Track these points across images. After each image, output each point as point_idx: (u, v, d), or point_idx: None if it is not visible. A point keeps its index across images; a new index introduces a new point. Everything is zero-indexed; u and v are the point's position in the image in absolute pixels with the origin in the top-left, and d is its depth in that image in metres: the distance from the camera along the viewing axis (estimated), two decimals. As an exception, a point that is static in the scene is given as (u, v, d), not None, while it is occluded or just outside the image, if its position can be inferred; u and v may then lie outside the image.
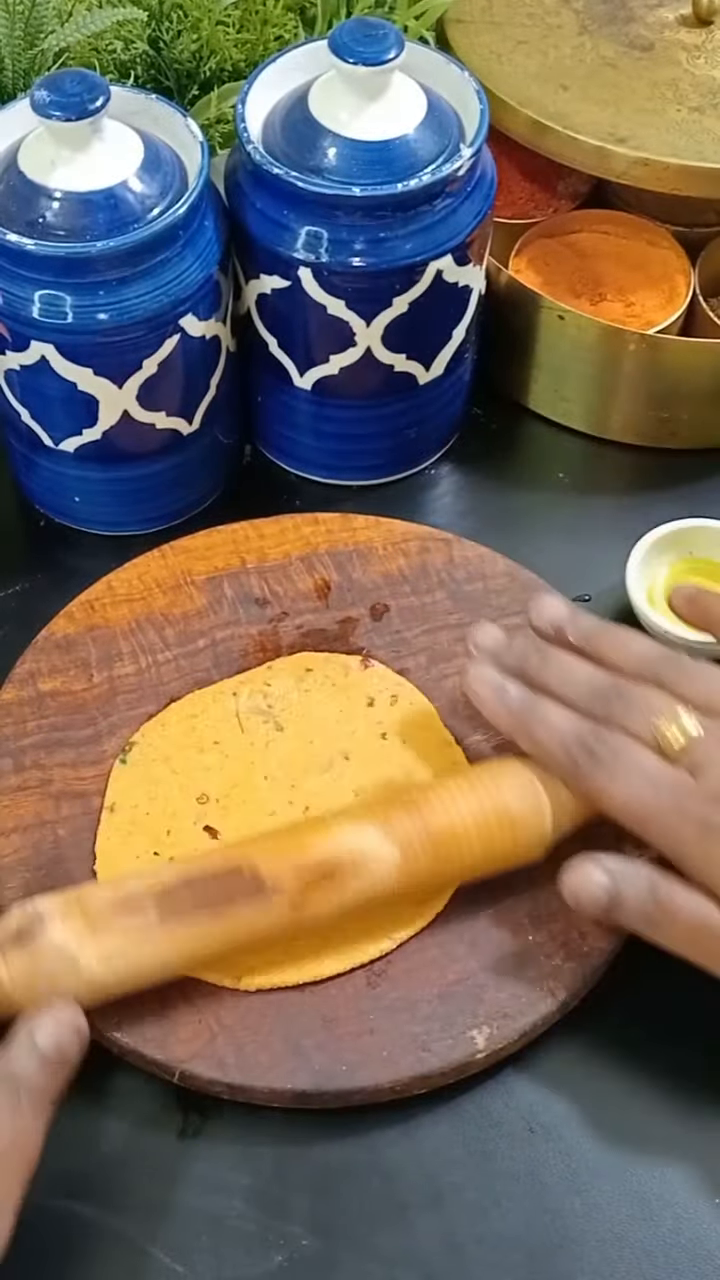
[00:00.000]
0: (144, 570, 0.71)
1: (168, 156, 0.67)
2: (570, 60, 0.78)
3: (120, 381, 0.67)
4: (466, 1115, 0.58)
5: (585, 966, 0.59)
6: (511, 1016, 0.58)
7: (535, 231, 0.82)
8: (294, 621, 0.69)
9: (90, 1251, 0.54)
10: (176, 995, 0.58)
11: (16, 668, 0.67)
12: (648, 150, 0.74)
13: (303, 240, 0.66)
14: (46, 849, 0.62)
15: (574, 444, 0.81)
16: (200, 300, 0.67)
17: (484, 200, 0.69)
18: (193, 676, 0.67)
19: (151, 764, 0.64)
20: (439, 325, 0.72)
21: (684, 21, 0.80)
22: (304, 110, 0.67)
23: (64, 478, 0.73)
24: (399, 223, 0.66)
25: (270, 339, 0.72)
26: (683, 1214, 0.56)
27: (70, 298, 0.64)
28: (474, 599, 0.70)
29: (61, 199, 0.64)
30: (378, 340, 0.70)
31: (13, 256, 0.63)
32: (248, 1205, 0.56)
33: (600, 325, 0.75)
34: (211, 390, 0.72)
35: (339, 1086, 0.56)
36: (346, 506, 0.75)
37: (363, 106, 0.66)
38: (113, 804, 0.63)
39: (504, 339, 0.79)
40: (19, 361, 0.67)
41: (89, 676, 0.67)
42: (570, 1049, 0.59)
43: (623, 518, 0.76)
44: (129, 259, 0.64)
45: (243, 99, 0.68)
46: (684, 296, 0.79)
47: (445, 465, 0.80)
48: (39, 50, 0.75)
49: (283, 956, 0.59)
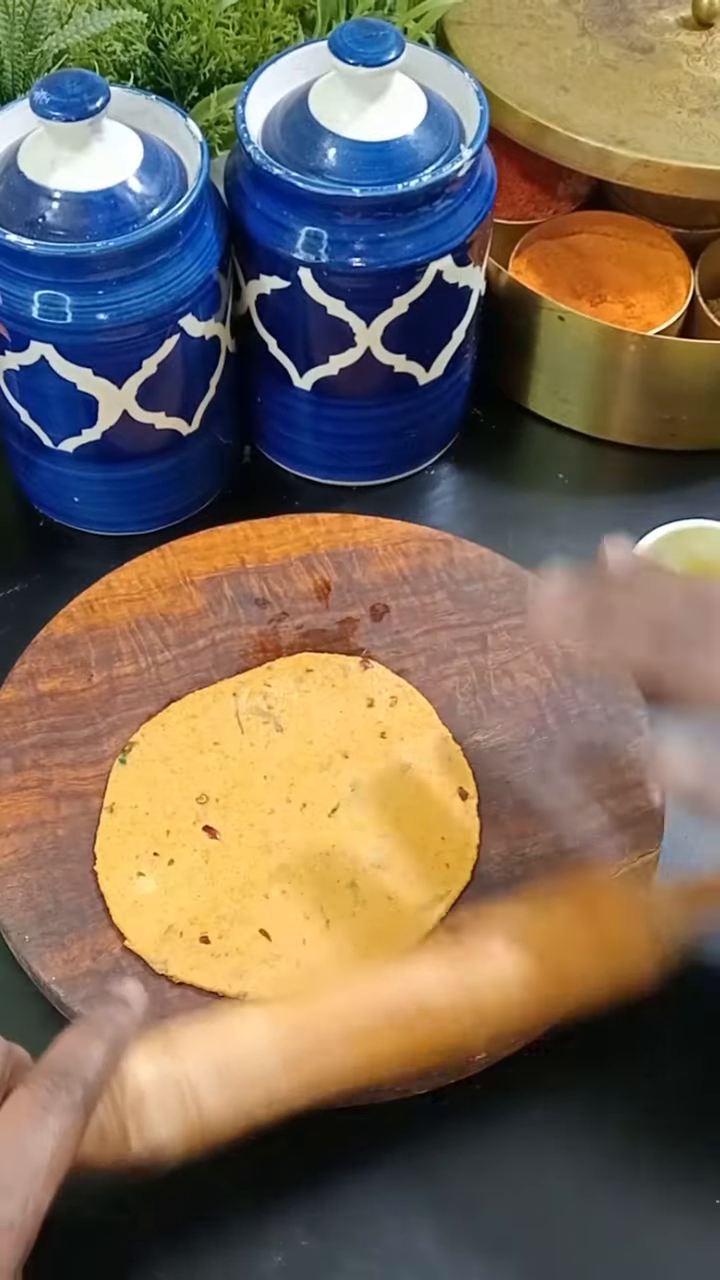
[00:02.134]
0: (144, 570, 0.71)
1: (168, 157, 0.67)
2: (571, 62, 0.78)
3: (120, 382, 0.67)
4: (467, 1115, 0.58)
5: (585, 967, 0.59)
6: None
7: (535, 233, 0.82)
8: (294, 622, 0.69)
9: (90, 1252, 0.54)
10: (176, 995, 0.58)
11: (16, 668, 0.67)
12: (648, 152, 0.74)
13: (303, 241, 0.66)
14: (46, 849, 0.62)
15: (574, 444, 0.81)
16: (200, 300, 0.67)
17: (484, 201, 0.69)
18: (192, 677, 0.67)
19: (151, 764, 0.64)
20: (439, 326, 0.72)
21: (684, 24, 0.80)
22: (304, 111, 0.67)
23: (64, 478, 0.73)
24: (399, 223, 0.66)
25: (270, 339, 0.72)
26: (683, 1214, 0.56)
27: (70, 298, 0.64)
28: (474, 600, 0.70)
29: (61, 199, 0.64)
30: (378, 341, 0.70)
31: (13, 256, 0.63)
32: (247, 1205, 0.55)
33: (600, 326, 0.75)
34: (211, 391, 0.72)
35: (339, 1087, 0.56)
36: (346, 507, 0.75)
37: (363, 107, 0.66)
38: (112, 804, 0.63)
39: (504, 340, 0.79)
40: (18, 362, 0.67)
41: (88, 676, 0.67)
42: (570, 1049, 0.59)
43: (623, 518, 0.76)
44: (129, 259, 0.64)
45: (243, 100, 0.68)
46: (684, 298, 0.79)
47: (445, 466, 0.80)
48: (39, 52, 0.75)
49: (293, 969, 0.59)
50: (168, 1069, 0.49)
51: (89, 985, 0.59)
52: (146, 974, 0.59)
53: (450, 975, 0.53)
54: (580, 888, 0.57)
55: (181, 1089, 0.49)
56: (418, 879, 0.61)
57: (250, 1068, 0.50)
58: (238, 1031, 0.51)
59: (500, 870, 0.62)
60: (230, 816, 0.63)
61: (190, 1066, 0.49)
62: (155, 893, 0.61)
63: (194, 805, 0.63)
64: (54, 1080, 0.46)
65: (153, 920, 0.60)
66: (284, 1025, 0.51)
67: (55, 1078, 0.46)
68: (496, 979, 0.53)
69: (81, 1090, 0.46)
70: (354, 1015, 0.52)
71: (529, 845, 0.63)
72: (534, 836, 0.63)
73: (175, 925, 0.60)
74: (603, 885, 0.58)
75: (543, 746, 0.65)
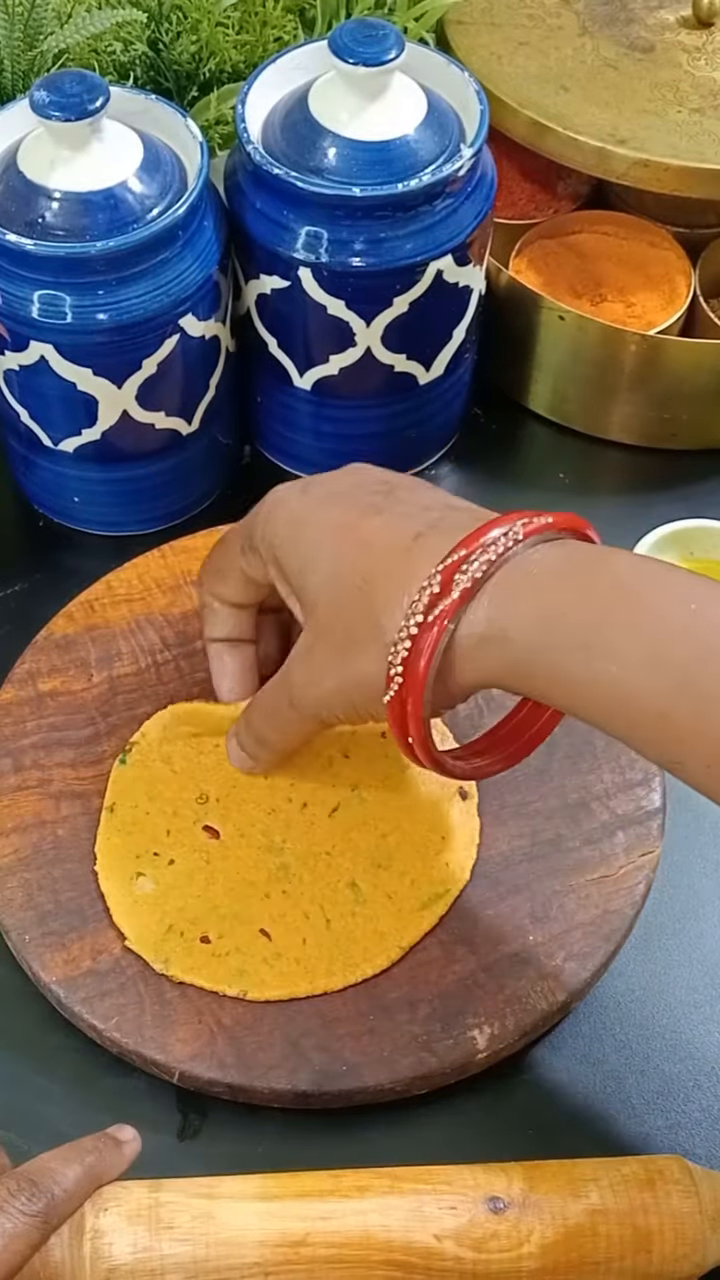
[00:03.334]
0: (143, 570, 0.71)
1: (167, 157, 0.67)
2: (571, 61, 0.78)
3: (120, 381, 0.67)
4: (466, 1115, 0.58)
5: (585, 967, 0.59)
6: (511, 1016, 0.58)
7: (536, 232, 0.82)
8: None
9: None
10: (176, 995, 0.58)
11: (16, 668, 0.67)
12: (648, 151, 0.74)
13: (303, 240, 0.66)
14: (46, 849, 0.62)
15: (574, 444, 0.81)
16: (200, 300, 0.67)
17: (484, 201, 0.69)
18: (192, 677, 0.67)
19: (151, 764, 0.64)
20: (439, 325, 0.72)
21: (684, 23, 0.80)
22: (304, 111, 0.67)
23: (63, 478, 0.73)
24: (399, 223, 0.66)
25: (270, 339, 0.72)
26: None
27: (70, 298, 0.64)
28: (474, 599, 0.70)
29: (61, 199, 0.64)
30: (378, 340, 0.70)
31: (12, 256, 0.63)
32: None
33: (601, 326, 0.75)
34: (211, 390, 0.72)
35: (339, 1087, 0.56)
36: (346, 507, 0.75)
37: (363, 107, 0.66)
38: (112, 804, 0.63)
39: (504, 339, 0.79)
40: (18, 361, 0.67)
41: (88, 676, 0.67)
42: (570, 1049, 0.59)
43: (623, 518, 0.76)
44: (129, 259, 0.64)
45: (243, 99, 0.68)
46: (684, 297, 0.79)
47: (445, 465, 0.80)
48: (38, 51, 0.75)
49: (293, 968, 0.59)
50: (144, 1252, 0.49)
51: (89, 985, 0.59)
52: (146, 973, 0.59)
53: (466, 1235, 0.50)
54: (639, 1180, 0.52)
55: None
56: (418, 879, 0.61)
57: (229, 1265, 0.49)
58: (225, 1218, 0.50)
59: (500, 870, 0.62)
60: (231, 816, 0.63)
61: (167, 1251, 0.49)
62: (155, 892, 0.61)
63: (194, 805, 0.63)
64: (18, 1184, 0.45)
65: (153, 920, 0.60)
66: (276, 1221, 0.50)
67: (21, 1182, 0.45)
68: (513, 1245, 0.50)
69: (44, 1202, 0.45)
70: (349, 1240, 0.50)
71: (529, 845, 0.63)
72: (534, 836, 0.63)
73: (175, 925, 0.60)
74: (662, 1178, 0.52)
75: (542, 746, 0.65)
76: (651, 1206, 0.51)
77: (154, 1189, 0.50)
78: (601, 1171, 0.52)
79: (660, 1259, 0.51)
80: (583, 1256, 0.50)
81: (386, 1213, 0.50)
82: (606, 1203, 0.51)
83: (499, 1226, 0.50)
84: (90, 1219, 0.49)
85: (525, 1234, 0.50)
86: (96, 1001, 0.58)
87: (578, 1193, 0.51)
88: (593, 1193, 0.51)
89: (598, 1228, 0.50)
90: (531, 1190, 0.51)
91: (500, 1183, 0.51)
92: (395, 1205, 0.50)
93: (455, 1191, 0.51)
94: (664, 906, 0.64)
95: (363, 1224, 0.50)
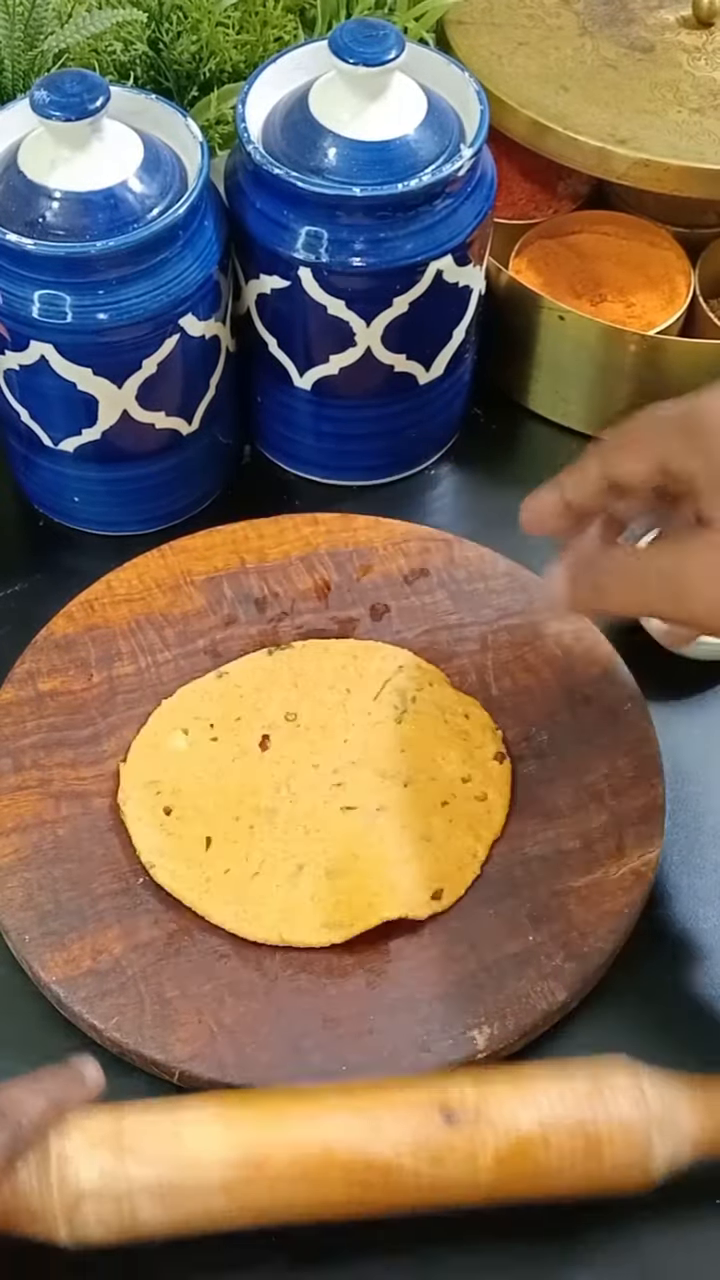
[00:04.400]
0: (143, 570, 0.71)
1: (168, 157, 0.67)
2: (571, 61, 0.78)
3: (120, 381, 0.67)
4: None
5: (585, 966, 0.59)
6: (511, 1016, 0.58)
7: (535, 232, 0.82)
8: (294, 621, 0.69)
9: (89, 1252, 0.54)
10: (177, 995, 0.58)
11: (16, 668, 0.67)
12: (648, 151, 0.74)
13: (303, 240, 0.66)
14: (46, 849, 0.62)
15: (574, 444, 0.81)
16: (200, 300, 0.67)
17: (484, 201, 0.69)
18: (192, 677, 0.67)
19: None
20: (439, 325, 0.72)
21: (684, 23, 0.80)
22: (304, 110, 0.67)
23: (63, 478, 0.73)
24: (399, 223, 0.66)
25: (270, 339, 0.72)
26: (682, 1215, 0.56)
27: (70, 297, 0.64)
28: (474, 599, 0.70)
29: (61, 199, 0.64)
30: (378, 340, 0.70)
31: (12, 256, 0.63)
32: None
33: (601, 326, 0.75)
34: (211, 390, 0.72)
35: (339, 1086, 0.56)
36: (346, 506, 0.75)
37: (363, 107, 0.66)
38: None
39: (504, 339, 0.79)
40: (18, 361, 0.67)
41: (88, 676, 0.67)
42: (570, 1049, 0.59)
43: (623, 518, 0.76)
44: (129, 259, 0.64)
45: (243, 99, 0.68)
46: (684, 297, 0.79)
47: (445, 465, 0.80)
48: (39, 51, 0.75)
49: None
50: (110, 1176, 0.49)
51: (89, 985, 0.59)
52: (147, 972, 0.59)
53: (423, 1148, 0.51)
54: (586, 1088, 0.53)
55: (120, 1204, 0.49)
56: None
57: (193, 1185, 0.50)
58: (188, 1139, 0.51)
59: (500, 870, 0.62)
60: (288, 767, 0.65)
61: (133, 1174, 0.50)
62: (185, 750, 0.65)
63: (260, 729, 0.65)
64: None
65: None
66: (238, 1141, 0.51)
67: None
68: (468, 1158, 0.51)
69: (8, 1132, 0.47)
70: (310, 1157, 0.51)
71: (529, 845, 0.63)
72: (534, 836, 0.63)
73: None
74: (610, 1086, 0.53)
75: (543, 746, 0.65)
76: (601, 1114, 0.52)
77: (116, 1114, 0.51)
78: (551, 1081, 0.53)
79: (612, 1166, 0.52)
80: (536, 1166, 0.51)
81: (346, 1129, 0.51)
82: (556, 1112, 0.52)
83: (454, 1139, 0.51)
84: (55, 1144, 0.50)
85: (479, 1145, 0.51)
86: (96, 1001, 0.58)
87: (526, 1102, 0.52)
88: (543, 1102, 0.52)
89: (549, 1138, 0.51)
90: (482, 1101, 0.52)
91: (454, 1094, 0.52)
92: (353, 1123, 0.52)
93: (410, 1104, 0.52)
94: (664, 906, 0.64)
95: (323, 1140, 0.51)
